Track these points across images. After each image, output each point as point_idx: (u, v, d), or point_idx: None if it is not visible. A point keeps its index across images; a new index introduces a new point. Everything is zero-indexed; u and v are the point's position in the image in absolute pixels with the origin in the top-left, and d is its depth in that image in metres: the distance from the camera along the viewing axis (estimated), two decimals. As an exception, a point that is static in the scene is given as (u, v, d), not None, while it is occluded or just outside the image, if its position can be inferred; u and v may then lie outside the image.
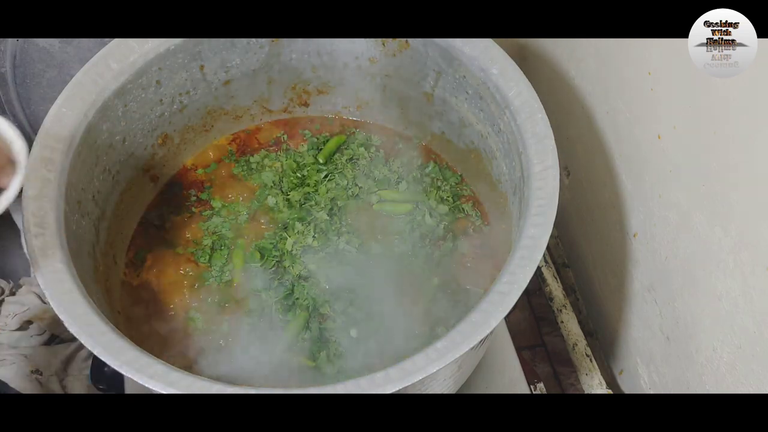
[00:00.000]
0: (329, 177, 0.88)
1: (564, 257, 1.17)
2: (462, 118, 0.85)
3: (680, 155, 0.75)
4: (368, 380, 0.55)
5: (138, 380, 0.54)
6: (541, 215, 0.65)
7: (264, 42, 0.83)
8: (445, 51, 0.78)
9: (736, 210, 0.67)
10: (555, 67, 1.01)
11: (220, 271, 0.81)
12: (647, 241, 0.86)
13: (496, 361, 0.89)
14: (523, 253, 0.62)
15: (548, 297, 1.07)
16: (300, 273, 0.79)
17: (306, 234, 0.82)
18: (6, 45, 0.87)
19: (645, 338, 0.92)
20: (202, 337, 0.76)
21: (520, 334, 1.24)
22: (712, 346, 0.74)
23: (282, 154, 0.92)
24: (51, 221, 0.62)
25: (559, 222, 0.88)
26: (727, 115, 0.65)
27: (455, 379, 0.73)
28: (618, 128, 0.88)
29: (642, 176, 0.84)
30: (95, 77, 0.71)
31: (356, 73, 0.89)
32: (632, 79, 0.81)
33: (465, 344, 0.56)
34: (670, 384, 0.87)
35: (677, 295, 0.81)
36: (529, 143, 0.70)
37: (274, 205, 0.86)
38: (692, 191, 0.74)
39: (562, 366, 1.20)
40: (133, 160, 0.80)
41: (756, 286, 0.65)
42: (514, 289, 0.59)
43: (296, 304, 0.78)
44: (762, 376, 0.66)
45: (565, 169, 1.08)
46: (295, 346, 0.75)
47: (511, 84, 0.73)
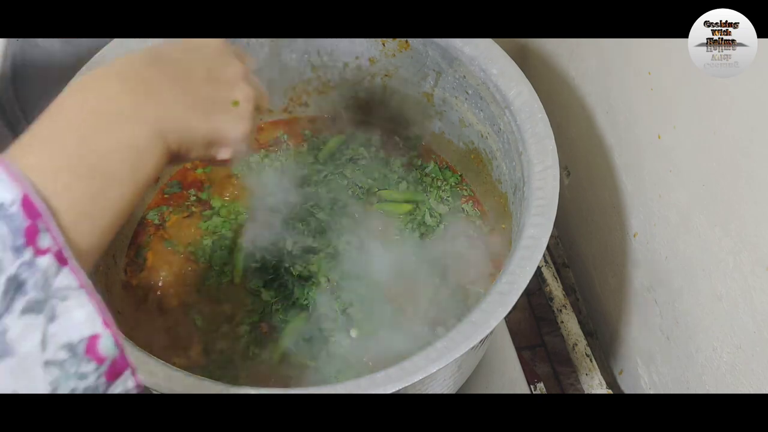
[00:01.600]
0: (329, 177, 0.88)
1: (564, 257, 1.17)
2: (462, 118, 0.85)
3: (680, 155, 0.75)
4: (368, 380, 0.55)
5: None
6: (541, 215, 0.65)
7: (264, 42, 0.83)
8: (445, 51, 0.78)
9: (736, 210, 0.67)
10: (555, 67, 1.01)
11: (220, 271, 0.81)
12: (647, 241, 0.86)
13: (496, 361, 0.89)
14: (523, 253, 0.62)
15: (548, 297, 1.07)
16: (300, 273, 0.79)
17: (306, 234, 0.82)
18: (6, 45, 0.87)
19: (645, 338, 0.92)
20: (202, 337, 0.76)
21: (520, 334, 1.24)
22: (712, 346, 0.74)
23: (282, 154, 0.92)
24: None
25: (559, 222, 0.88)
26: (727, 115, 0.65)
27: (455, 379, 0.73)
28: (618, 128, 0.88)
29: (642, 176, 0.84)
30: (95, 77, 0.71)
31: (356, 73, 0.89)
32: (632, 79, 0.81)
33: (465, 344, 0.56)
34: (670, 384, 0.87)
35: (677, 295, 0.81)
36: (529, 143, 0.70)
37: (273, 205, 0.86)
38: (692, 191, 0.74)
39: (562, 366, 1.20)
40: (133, 160, 0.80)
41: (756, 286, 0.65)
42: (514, 289, 0.59)
43: (296, 304, 0.78)
44: (762, 376, 0.66)
45: (565, 169, 1.08)
46: (295, 346, 0.75)
47: (511, 84, 0.73)
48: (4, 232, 0.34)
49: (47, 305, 0.35)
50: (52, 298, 0.35)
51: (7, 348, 0.34)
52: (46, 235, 0.35)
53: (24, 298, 0.34)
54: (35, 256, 0.35)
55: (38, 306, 0.35)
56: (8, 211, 0.34)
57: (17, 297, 0.34)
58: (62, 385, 0.36)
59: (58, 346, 0.36)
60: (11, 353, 0.34)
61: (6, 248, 0.34)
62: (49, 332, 0.35)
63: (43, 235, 0.35)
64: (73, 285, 0.36)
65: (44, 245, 0.35)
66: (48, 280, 0.35)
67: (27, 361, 0.35)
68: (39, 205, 0.35)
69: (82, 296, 0.36)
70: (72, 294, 0.36)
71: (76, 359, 0.36)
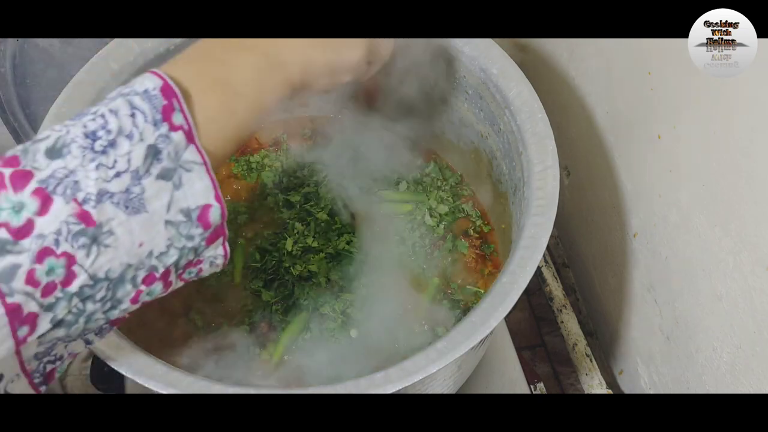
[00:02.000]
0: (329, 177, 0.88)
1: (564, 257, 1.17)
2: (462, 118, 0.85)
3: (680, 155, 0.75)
4: (368, 380, 0.55)
5: (138, 380, 0.54)
6: (541, 215, 0.64)
7: (264, 42, 0.83)
8: (445, 51, 0.78)
9: (736, 210, 0.67)
10: (555, 67, 1.01)
11: (220, 271, 0.80)
12: (647, 241, 0.86)
13: (496, 361, 0.89)
14: (523, 253, 0.62)
15: (548, 297, 1.07)
16: (300, 273, 0.79)
17: (306, 234, 0.82)
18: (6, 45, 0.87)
19: (645, 338, 0.92)
20: (202, 337, 0.76)
21: (520, 334, 1.24)
22: (712, 346, 0.74)
23: (282, 154, 0.92)
24: (51, 221, 0.62)
25: (559, 222, 0.88)
26: (727, 115, 0.65)
27: (455, 379, 0.73)
28: (618, 128, 0.88)
29: (642, 176, 0.84)
30: (95, 77, 0.71)
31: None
32: (632, 79, 0.81)
33: (465, 344, 0.56)
34: (670, 384, 0.87)
35: (677, 295, 0.81)
36: (529, 143, 0.70)
37: (274, 205, 0.86)
38: (692, 191, 0.74)
39: (562, 366, 1.21)
40: (133, 160, 0.80)
41: (756, 286, 0.65)
42: (514, 289, 0.59)
43: (296, 304, 0.78)
44: (762, 376, 0.66)
45: (565, 169, 1.08)
46: (295, 346, 0.75)
47: (511, 84, 0.73)
48: (146, 109, 0.41)
49: (176, 174, 0.42)
50: (180, 168, 0.42)
51: (143, 204, 0.41)
52: (179, 114, 0.42)
53: (159, 165, 0.41)
54: (170, 131, 0.42)
55: (168, 173, 0.42)
56: (150, 94, 0.42)
57: (154, 163, 0.41)
58: (175, 242, 0.43)
59: (178, 210, 0.42)
60: (146, 209, 0.41)
61: (148, 121, 0.41)
62: (175, 197, 0.42)
63: (177, 114, 0.42)
64: (197, 160, 0.43)
65: (177, 122, 0.42)
66: (178, 153, 0.42)
67: (154, 218, 0.41)
68: (175, 89, 0.42)
69: (202, 171, 0.43)
70: (195, 168, 0.43)
71: (190, 223, 0.43)
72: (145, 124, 0.41)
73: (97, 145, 0.40)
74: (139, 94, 0.41)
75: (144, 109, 0.41)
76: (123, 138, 0.40)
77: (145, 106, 0.41)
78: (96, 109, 0.41)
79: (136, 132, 0.41)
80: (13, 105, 0.92)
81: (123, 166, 0.40)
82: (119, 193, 0.40)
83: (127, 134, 0.40)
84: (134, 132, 0.41)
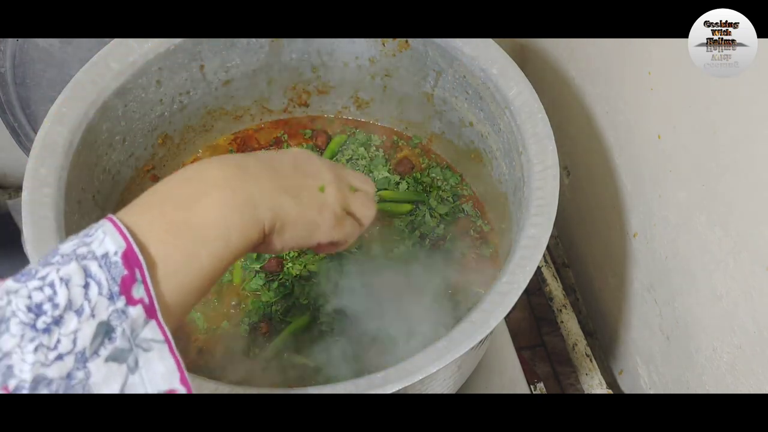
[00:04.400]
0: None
1: (564, 257, 1.17)
2: (462, 118, 0.85)
3: (680, 155, 0.75)
4: (368, 380, 0.55)
5: (138, 380, 0.54)
6: (541, 215, 0.64)
7: (264, 42, 0.83)
8: (445, 51, 0.78)
9: (736, 210, 0.67)
10: (555, 67, 1.01)
11: (220, 271, 0.81)
12: (647, 241, 0.86)
13: (496, 361, 0.89)
14: (523, 253, 0.62)
15: (548, 297, 1.07)
16: (300, 273, 0.79)
17: (306, 234, 0.82)
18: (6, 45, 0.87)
19: (645, 338, 0.92)
20: (202, 337, 0.76)
21: (520, 334, 1.24)
22: (712, 346, 0.74)
23: (282, 154, 0.92)
24: (51, 222, 0.62)
25: (559, 222, 0.88)
26: (727, 115, 0.65)
27: (455, 379, 0.73)
28: (618, 128, 0.88)
29: (642, 176, 0.84)
30: (95, 77, 0.71)
31: (356, 73, 0.89)
32: (632, 79, 0.81)
33: (465, 344, 0.56)
34: (670, 384, 0.87)
35: (677, 295, 0.81)
36: (529, 143, 0.70)
37: (274, 205, 0.86)
38: (692, 191, 0.74)
39: (562, 366, 1.21)
40: (133, 160, 0.80)
41: (756, 286, 0.65)
42: (514, 289, 0.59)
43: (296, 305, 0.78)
44: (762, 376, 0.66)
45: (565, 169, 1.08)
46: (294, 346, 0.75)
47: (511, 84, 0.73)
48: (103, 279, 0.36)
49: (131, 355, 0.37)
50: (137, 348, 0.37)
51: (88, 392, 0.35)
52: (141, 287, 0.37)
53: (111, 345, 0.36)
54: (127, 305, 0.37)
55: (122, 355, 0.36)
56: (111, 260, 0.37)
57: (105, 343, 0.36)
58: None
59: None
60: None
61: (103, 294, 0.36)
62: (129, 382, 0.37)
63: (138, 286, 0.37)
64: (158, 338, 0.38)
65: (138, 296, 0.37)
66: (135, 330, 0.37)
67: None
68: (140, 257, 0.38)
69: (164, 350, 0.38)
70: (156, 346, 0.38)
71: None
72: (98, 297, 0.36)
73: (40, 322, 0.34)
74: (98, 259, 0.37)
75: (100, 279, 0.36)
76: (71, 313, 0.35)
77: (102, 276, 0.36)
78: (47, 272, 0.36)
79: (87, 306, 0.35)
80: (13, 105, 0.92)
81: (67, 347, 0.35)
82: (59, 380, 0.34)
83: (76, 309, 0.35)
84: (85, 306, 0.35)
